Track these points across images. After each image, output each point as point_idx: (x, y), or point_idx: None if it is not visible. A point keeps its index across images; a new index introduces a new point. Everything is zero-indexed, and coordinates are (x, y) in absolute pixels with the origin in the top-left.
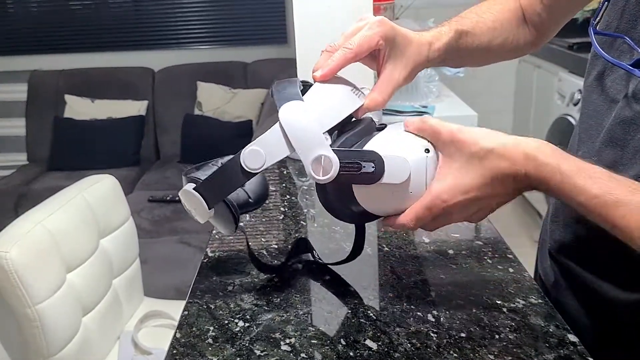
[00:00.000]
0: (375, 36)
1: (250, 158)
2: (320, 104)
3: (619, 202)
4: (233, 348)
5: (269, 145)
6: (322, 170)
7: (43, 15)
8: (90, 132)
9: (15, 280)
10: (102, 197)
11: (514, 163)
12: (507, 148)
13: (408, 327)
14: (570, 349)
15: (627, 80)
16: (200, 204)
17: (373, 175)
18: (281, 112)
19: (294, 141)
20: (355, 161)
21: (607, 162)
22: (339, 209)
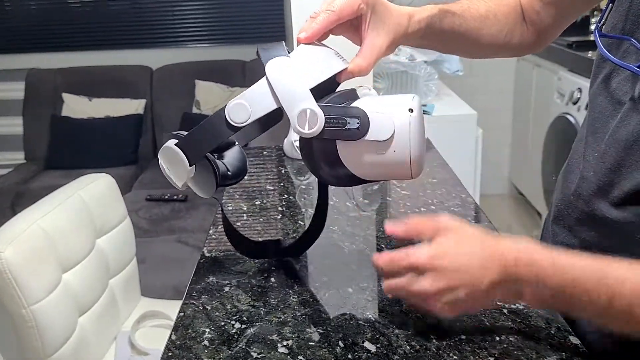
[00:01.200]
0: (356, 0)
1: (235, 111)
2: (306, 61)
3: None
4: (229, 350)
5: (255, 99)
6: (307, 124)
7: (41, 13)
8: (88, 131)
9: (10, 280)
10: (98, 197)
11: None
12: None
13: (407, 329)
14: (572, 351)
15: (634, 82)
16: (181, 161)
17: (357, 131)
18: (268, 66)
19: (280, 94)
20: (340, 116)
21: (611, 164)
22: (323, 170)
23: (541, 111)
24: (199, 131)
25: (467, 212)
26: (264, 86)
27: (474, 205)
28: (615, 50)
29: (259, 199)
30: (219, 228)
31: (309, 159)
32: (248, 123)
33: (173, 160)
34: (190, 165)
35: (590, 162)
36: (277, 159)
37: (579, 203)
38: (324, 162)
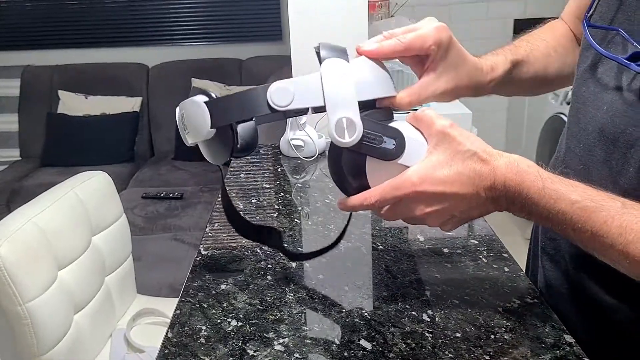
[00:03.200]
0: (429, 39)
1: (278, 94)
2: (362, 74)
3: (600, 207)
4: (226, 348)
5: (303, 88)
6: (345, 133)
7: (37, 10)
8: (83, 128)
9: (6, 277)
10: (94, 194)
11: (494, 170)
12: (491, 155)
13: (403, 327)
14: (567, 349)
15: (619, 73)
16: (203, 120)
17: (392, 152)
18: (326, 63)
19: (328, 95)
20: (378, 134)
21: (600, 156)
22: (344, 177)
23: (535, 111)
24: (234, 99)
25: None
26: (315, 80)
27: None
28: (600, 39)
29: (256, 197)
30: (216, 226)
31: (334, 164)
32: (285, 109)
33: (194, 116)
34: (212, 128)
35: (576, 154)
36: (273, 157)
37: None
38: (348, 172)
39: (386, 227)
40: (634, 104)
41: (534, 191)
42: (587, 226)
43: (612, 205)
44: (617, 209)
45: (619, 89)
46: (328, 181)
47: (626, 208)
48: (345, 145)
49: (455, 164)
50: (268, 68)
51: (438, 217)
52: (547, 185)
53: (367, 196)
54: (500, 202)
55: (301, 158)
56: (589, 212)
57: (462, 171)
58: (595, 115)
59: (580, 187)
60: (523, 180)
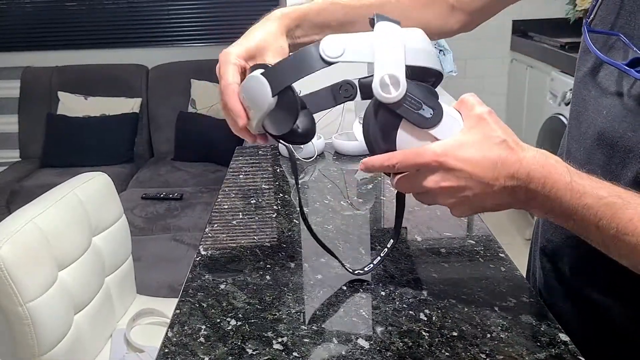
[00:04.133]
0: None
1: (330, 44)
2: (414, 41)
3: (627, 204)
4: (225, 347)
5: (354, 42)
6: (389, 88)
7: (36, 11)
8: (83, 129)
9: (6, 277)
10: (94, 195)
11: (520, 159)
12: (520, 145)
13: (400, 326)
14: (562, 348)
15: (619, 77)
16: (264, 91)
17: (427, 121)
18: (380, 24)
19: (378, 51)
20: (419, 99)
21: (599, 160)
22: (375, 138)
23: (534, 112)
24: (288, 61)
25: None
26: (367, 38)
27: None
28: (601, 44)
29: (255, 197)
30: (215, 226)
31: (368, 123)
32: (337, 60)
33: (255, 92)
34: (273, 95)
35: (577, 158)
36: (272, 158)
37: None
38: (380, 131)
39: (384, 228)
40: (634, 109)
41: (560, 185)
42: (612, 223)
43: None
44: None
45: (619, 94)
46: (327, 182)
47: None
48: (387, 101)
49: (483, 147)
50: None
51: (450, 195)
52: (575, 180)
53: (390, 156)
54: (518, 195)
55: (300, 159)
56: (616, 208)
57: (487, 155)
58: (595, 119)
59: (607, 184)
60: (550, 173)
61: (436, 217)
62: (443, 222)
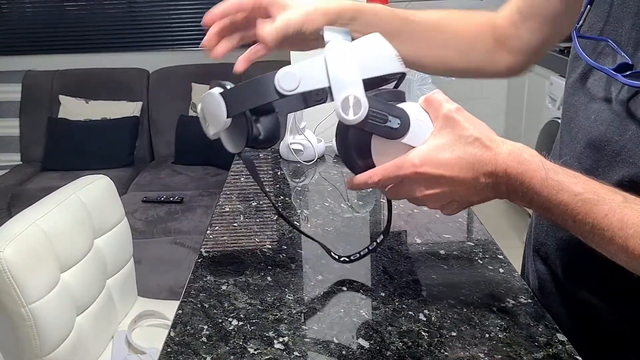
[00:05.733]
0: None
1: (285, 79)
2: (366, 52)
3: (602, 200)
4: (227, 346)
5: (307, 72)
6: (351, 110)
7: (38, 15)
8: (84, 133)
9: (9, 279)
10: (96, 198)
11: (496, 156)
12: (494, 141)
13: (400, 326)
14: (559, 348)
15: (608, 83)
16: (220, 110)
17: (396, 131)
18: (328, 45)
19: (332, 75)
20: (383, 112)
21: (587, 165)
22: (351, 157)
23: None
24: (245, 87)
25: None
26: (319, 63)
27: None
28: (591, 50)
29: (255, 200)
30: (216, 229)
31: (342, 143)
32: (294, 93)
33: (212, 108)
34: (228, 117)
35: (568, 162)
36: (273, 161)
37: None
38: (354, 150)
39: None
40: (621, 114)
41: (536, 181)
42: (588, 219)
43: (614, 198)
44: (619, 203)
45: (607, 99)
46: (327, 185)
47: (627, 202)
48: (351, 123)
49: (457, 148)
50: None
51: (438, 200)
52: (550, 176)
53: (371, 174)
54: (500, 189)
55: (300, 162)
56: (591, 204)
57: (462, 156)
58: (584, 124)
59: (582, 179)
60: (526, 170)
61: (435, 220)
62: (442, 224)
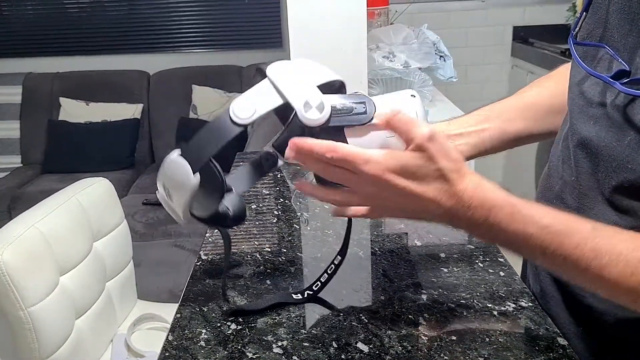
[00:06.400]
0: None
1: (239, 107)
2: (305, 65)
3: (572, 230)
4: (225, 351)
5: (259, 95)
6: (314, 111)
7: (38, 17)
8: (84, 135)
9: (8, 282)
10: (96, 200)
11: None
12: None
13: (399, 330)
14: (560, 352)
15: (604, 89)
16: (184, 171)
17: (365, 115)
18: (269, 68)
19: (284, 88)
20: (345, 102)
21: (586, 168)
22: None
23: None
24: (202, 134)
25: None
26: (267, 85)
27: None
28: (590, 57)
29: (255, 203)
30: (215, 232)
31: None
32: (253, 119)
33: (174, 175)
34: (194, 173)
35: (570, 166)
36: None
37: (561, 207)
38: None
39: (384, 233)
40: (618, 120)
41: (502, 216)
42: (559, 251)
43: (583, 228)
44: (589, 232)
45: (604, 105)
46: None
47: (597, 230)
48: (320, 122)
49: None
50: None
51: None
52: (517, 211)
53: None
54: (459, 224)
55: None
56: (562, 236)
57: (426, 191)
58: (582, 128)
59: (548, 211)
60: (492, 206)
61: None
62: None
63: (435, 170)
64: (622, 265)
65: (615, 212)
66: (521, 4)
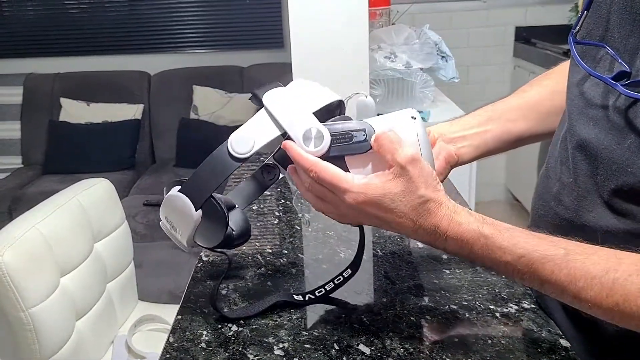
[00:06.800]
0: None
1: (237, 142)
2: (302, 91)
3: (544, 258)
4: (226, 352)
5: (257, 128)
6: (314, 142)
7: (39, 18)
8: (85, 136)
9: (9, 283)
10: (96, 201)
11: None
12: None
13: (401, 332)
14: (562, 354)
15: (605, 90)
16: (186, 208)
17: (365, 142)
18: (265, 97)
19: (282, 119)
20: (344, 131)
21: (586, 170)
22: None
23: None
24: (201, 170)
25: None
26: (264, 115)
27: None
28: (590, 57)
29: (256, 203)
30: None
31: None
32: (252, 153)
33: (177, 210)
34: (197, 210)
35: (568, 167)
36: None
37: (559, 209)
38: None
39: (386, 235)
40: (619, 122)
41: (476, 249)
42: (535, 277)
43: (556, 254)
44: (562, 258)
45: (605, 107)
46: None
47: (570, 255)
48: (321, 153)
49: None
50: (269, 75)
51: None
52: (490, 243)
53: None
54: (437, 245)
55: None
56: (536, 264)
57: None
58: (582, 130)
59: (522, 238)
60: (466, 240)
61: None
62: None
63: (414, 198)
64: (597, 288)
65: (614, 214)
66: (523, 5)
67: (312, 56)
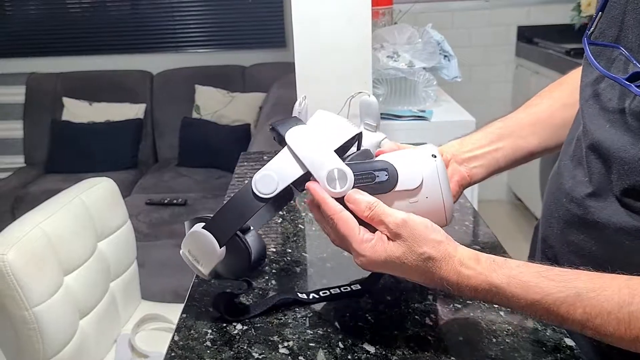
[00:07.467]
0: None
1: (263, 183)
2: (323, 127)
3: (558, 300)
4: (231, 351)
5: (281, 168)
6: (338, 183)
7: (41, 17)
8: (88, 135)
9: (13, 282)
10: (100, 200)
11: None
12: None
13: (406, 331)
14: (567, 352)
15: (621, 92)
16: (210, 244)
17: (387, 182)
18: (287, 135)
19: (305, 159)
20: (367, 171)
21: (597, 169)
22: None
23: None
24: (226, 209)
25: (465, 217)
26: (287, 155)
27: (472, 210)
28: (605, 57)
29: None
30: None
31: None
32: (276, 194)
33: (201, 246)
34: (221, 247)
35: (584, 167)
36: None
37: (571, 205)
38: (359, 220)
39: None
40: (633, 124)
41: (488, 298)
42: (552, 318)
43: (568, 295)
44: (574, 298)
45: (620, 109)
46: None
47: (581, 295)
48: (344, 194)
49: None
50: (271, 75)
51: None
52: (501, 292)
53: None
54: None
55: None
56: (551, 308)
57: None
58: (596, 130)
59: (533, 282)
60: (476, 291)
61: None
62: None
63: (416, 257)
64: (615, 324)
65: (627, 212)
66: (525, 4)
67: (314, 55)
